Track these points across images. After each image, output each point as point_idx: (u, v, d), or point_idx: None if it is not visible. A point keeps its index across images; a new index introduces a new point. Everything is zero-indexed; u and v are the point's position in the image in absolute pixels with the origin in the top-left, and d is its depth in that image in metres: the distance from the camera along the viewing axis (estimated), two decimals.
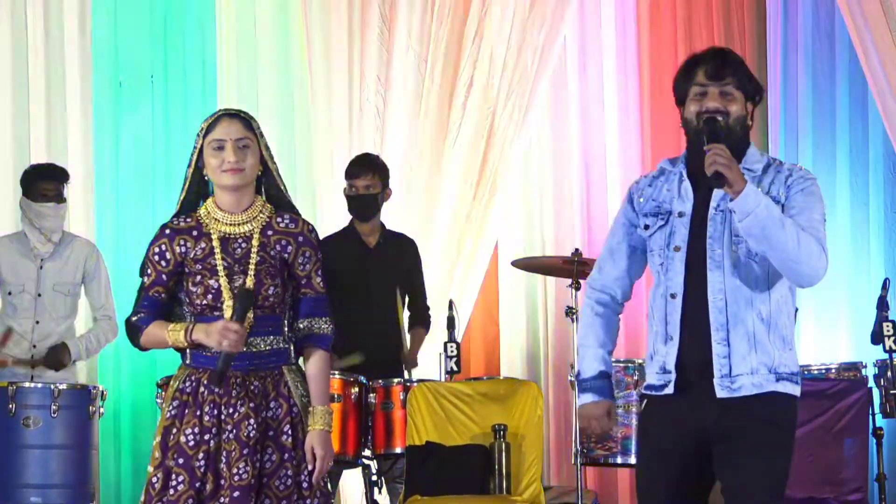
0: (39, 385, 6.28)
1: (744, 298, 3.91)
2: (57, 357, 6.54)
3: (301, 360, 4.30)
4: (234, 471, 4.04)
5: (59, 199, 6.64)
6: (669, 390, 3.94)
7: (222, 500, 4.03)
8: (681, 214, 3.99)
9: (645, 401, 4.06)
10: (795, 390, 3.97)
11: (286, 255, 4.20)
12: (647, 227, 4.04)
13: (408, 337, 6.82)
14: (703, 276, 3.93)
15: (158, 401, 6.14)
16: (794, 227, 3.86)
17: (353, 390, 6.22)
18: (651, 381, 4.02)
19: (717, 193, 3.96)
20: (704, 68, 4.00)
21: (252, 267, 4.15)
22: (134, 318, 4.21)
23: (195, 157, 4.25)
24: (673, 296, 3.95)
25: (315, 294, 4.26)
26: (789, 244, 3.83)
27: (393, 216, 7.35)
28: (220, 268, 4.14)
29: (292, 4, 7.93)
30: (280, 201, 4.26)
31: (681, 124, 4.09)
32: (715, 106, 3.95)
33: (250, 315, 4.12)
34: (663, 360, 3.96)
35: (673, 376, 3.93)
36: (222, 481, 4.05)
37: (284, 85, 7.92)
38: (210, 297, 4.13)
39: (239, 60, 7.88)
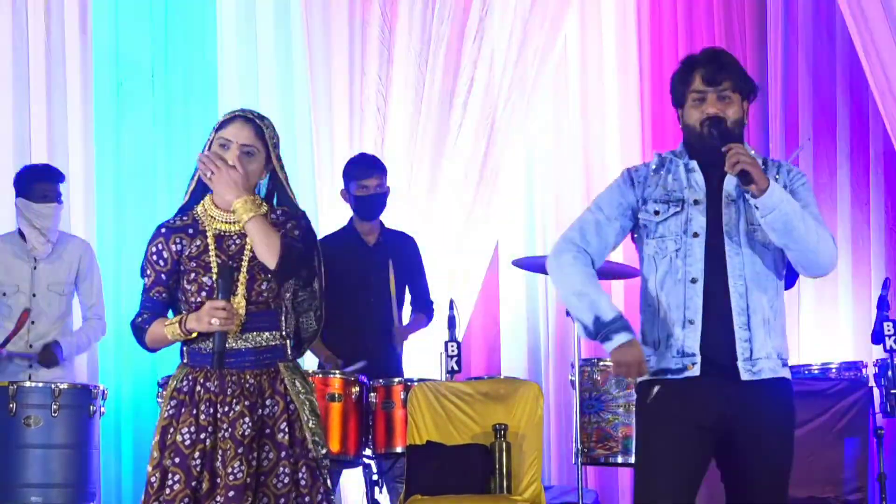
0: (40, 384, 6.28)
1: (760, 285, 4.03)
2: (50, 355, 6.53)
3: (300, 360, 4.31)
4: (230, 470, 4.04)
5: (59, 199, 6.65)
6: (694, 372, 4.00)
7: (218, 498, 4.03)
8: (696, 202, 4.06)
9: (656, 387, 4.04)
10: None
11: None
12: (657, 212, 4.09)
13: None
14: (721, 262, 4.02)
15: (159, 400, 6.14)
16: (812, 219, 3.99)
17: (353, 390, 6.22)
18: (666, 365, 4.03)
19: (727, 183, 4.06)
20: (701, 73, 4.09)
21: (245, 263, 4.15)
22: (138, 321, 4.23)
23: (207, 149, 4.22)
24: (694, 280, 4.02)
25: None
26: (810, 237, 3.97)
27: (394, 215, 7.36)
28: (214, 265, 4.15)
29: (293, 4, 7.93)
30: (284, 199, 4.26)
31: (679, 125, 4.19)
32: (714, 112, 4.05)
33: (241, 299, 4.13)
34: (681, 343, 4.01)
35: (698, 358, 3.99)
36: (218, 480, 4.06)
37: (285, 84, 7.92)
38: (204, 294, 4.14)
39: (239, 60, 7.88)
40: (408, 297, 6.89)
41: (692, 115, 4.09)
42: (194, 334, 4.13)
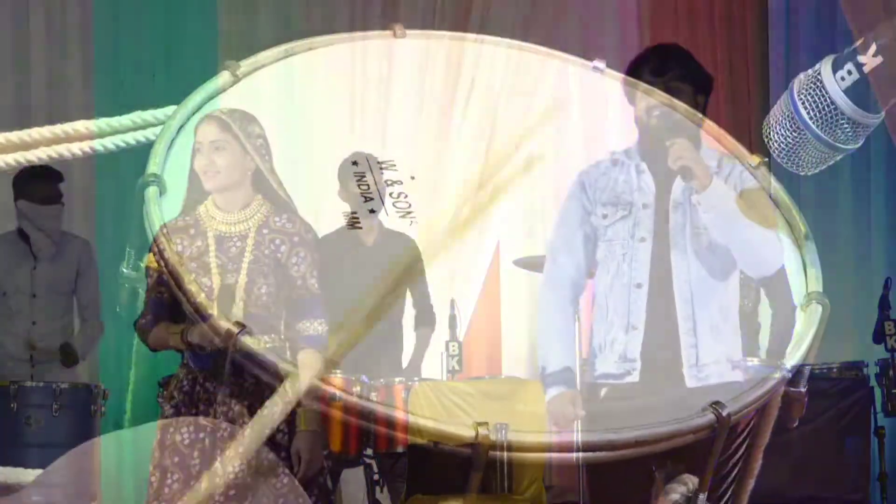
0: (41, 384, 6.29)
1: (707, 289, 4.00)
2: (72, 354, 6.52)
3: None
4: (229, 469, 4.05)
5: (62, 199, 6.65)
6: (634, 378, 3.98)
7: (218, 497, 4.04)
8: (644, 206, 4.04)
9: (604, 389, 4.04)
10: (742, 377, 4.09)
11: (279, 255, 4.21)
12: (605, 216, 4.07)
13: (405, 336, 6.82)
14: (668, 266, 3.99)
15: (160, 400, 6.14)
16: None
17: (354, 389, 6.21)
18: (608, 369, 4.02)
19: (677, 186, 4.05)
20: (649, 65, 4.10)
21: (245, 265, 4.16)
22: (142, 321, 4.25)
23: (193, 158, 4.26)
24: (639, 285, 4.00)
25: (310, 295, 4.25)
26: (753, 235, 3.98)
27: (394, 216, 7.35)
28: (213, 266, 4.15)
29: (294, 4, 7.93)
30: (275, 199, 4.26)
31: (634, 121, 4.16)
32: (662, 101, 4.05)
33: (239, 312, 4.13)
34: (623, 348, 3.99)
35: (638, 364, 3.97)
36: (217, 479, 4.05)
37: (285, 84, 7.91)
38: (203, 294, 4.14)
39: (239, 60, 7.87)
40: (408, 299, 6.89)
41: (640, 105, 4.07)
42: None
